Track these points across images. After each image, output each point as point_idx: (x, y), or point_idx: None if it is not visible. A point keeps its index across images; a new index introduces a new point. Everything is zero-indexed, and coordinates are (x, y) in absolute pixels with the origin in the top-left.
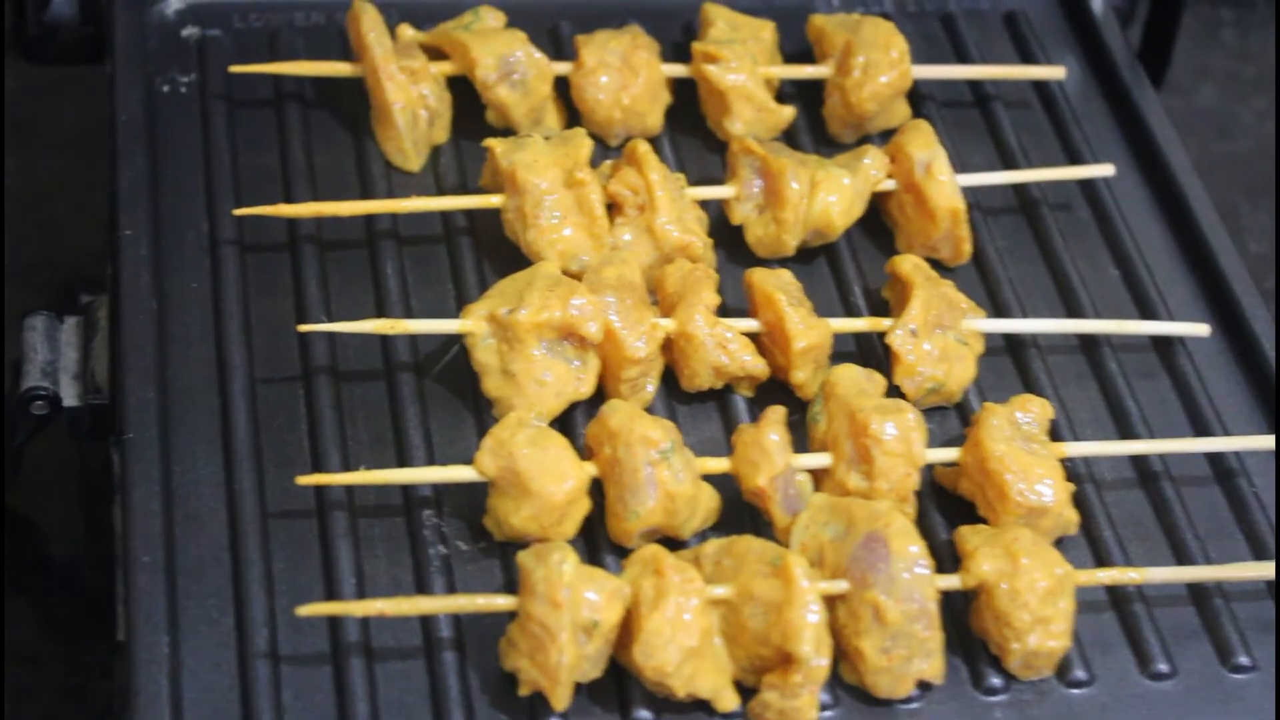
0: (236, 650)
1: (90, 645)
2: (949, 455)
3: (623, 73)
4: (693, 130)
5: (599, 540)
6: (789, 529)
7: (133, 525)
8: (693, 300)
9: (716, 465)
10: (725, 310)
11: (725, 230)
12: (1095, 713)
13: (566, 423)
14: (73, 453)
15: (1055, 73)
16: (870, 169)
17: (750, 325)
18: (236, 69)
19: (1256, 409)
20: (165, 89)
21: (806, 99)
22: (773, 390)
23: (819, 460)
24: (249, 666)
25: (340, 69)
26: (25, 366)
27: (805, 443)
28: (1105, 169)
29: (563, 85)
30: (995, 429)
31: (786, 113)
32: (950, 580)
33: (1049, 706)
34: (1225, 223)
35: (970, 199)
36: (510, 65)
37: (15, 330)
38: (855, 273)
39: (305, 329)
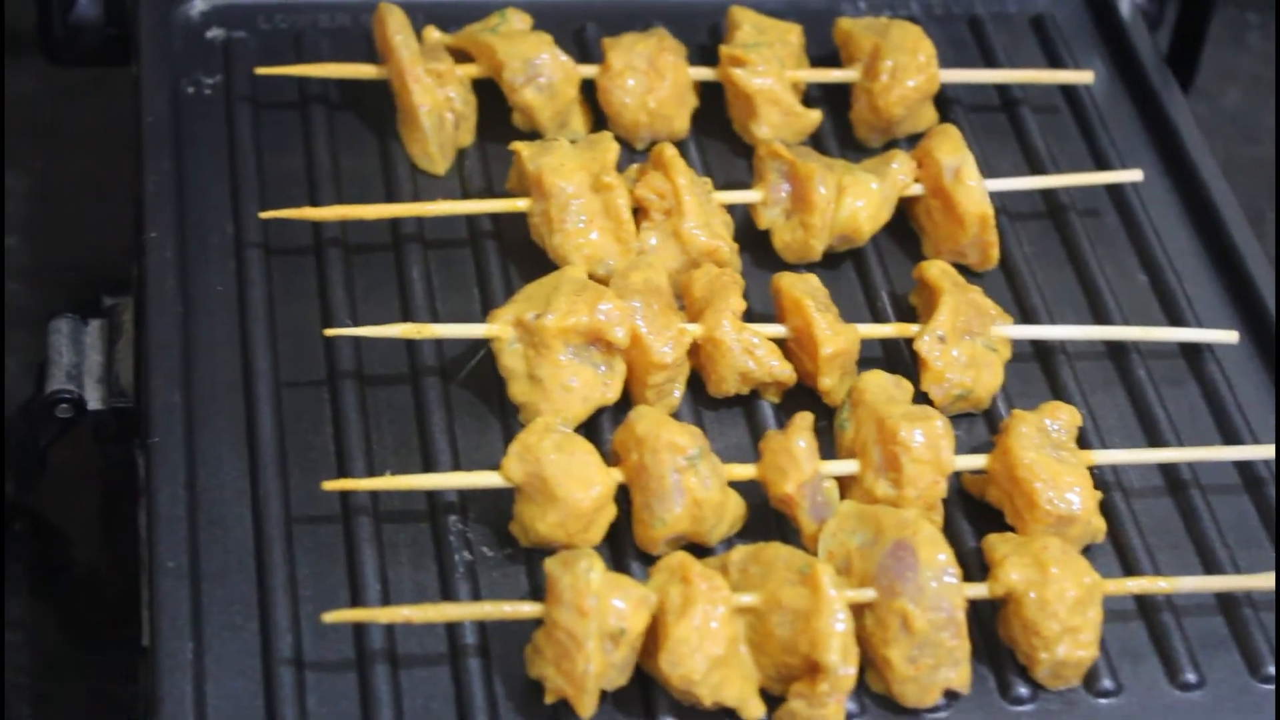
0: (261, 656)
1: (113, 649)
2: (977, 462)
3: (649, 76)
4: (719, 134)
5: (625, 547)
6: (816, 536)
7: (157, 530)
8: (720, 305)
9: (743, 472)
10: (752, 316)
11: (752, 235)
12: None
13: (593, 428)
14: (95, 456)
15: (1083, 77)
16: (898, 174)
17: (777, 331)
18: (262, 71)
19: None
20: (190, 91)
21: (833, 103)
22: (800, 396)
23: (847, 467)
24: (273, 672)
25: (366, 71)
26: (50, 369)
27: (833, 449)
28: (1133, 174)
29: (589, 88)
30: (1024, 436)
31: (813, 116)
32: (978, 589)
33: (1077, 716)
34: (1252, 227)
35: (998, 204)
36: (536, 68)
37: (40, 333)
38: (882, 278)
39: (331, 333)
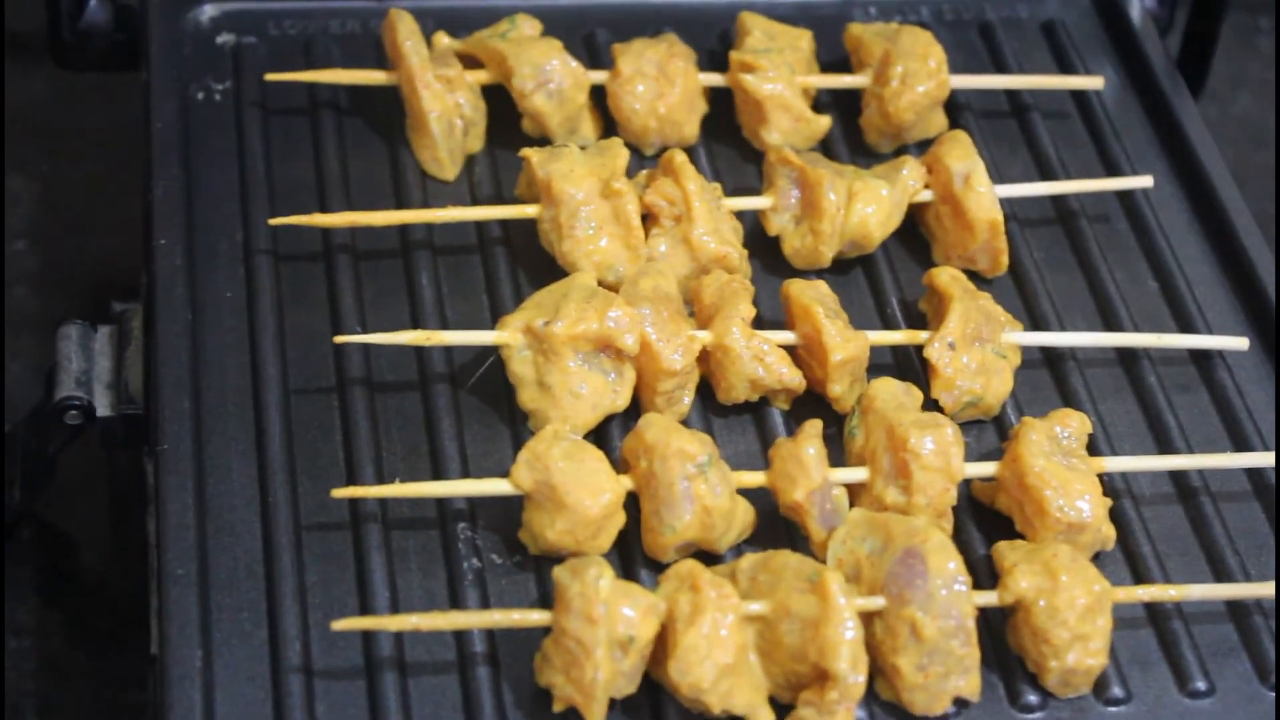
0: (270, 664)
1: (121, 656)
2: (987, 470)
3: (659, 82)
4: (729, 140)
5: (634, 554)
6: (825, 544)
7: (166, 537)
8: (729, 312)
9: (753, 479)
10: (761, 322)
11: (761, 241)
12: None
13: (602, 435)
14: (104, 462)
15: (1093, 82)
16: (908, 180)
17: (787, 338)
18: (272, 77)
19: None
20: (200, 97)
21: (843, 108)
22: (809, 403)
23: (856, 475)
24: (282, 680)
25: (376, 77)
26: (59, 376)
27: (842, 457)
28: (1144, 180)
29: (599, 94)
30: (1034, 444)
31: (823, 122)
32: (988, 597)
33: None
34: (1263, 233)
35: (1008, 210)
36: (546, 74)
37: (48, 338)
38: (892, 284)
39: (340, 340)
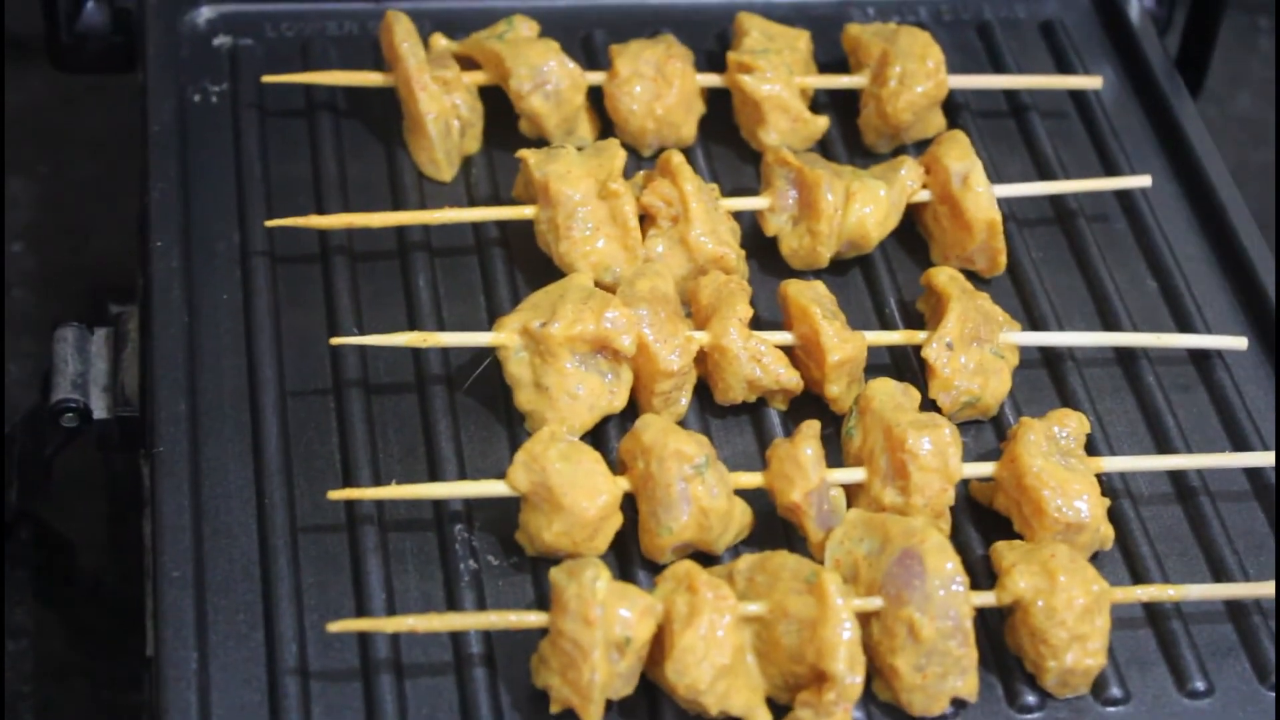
0: (266, 665)
1: (117, 658)
2: (985, 470)
3: (656, 83)
4: (726, 140)
5: (631, 555)
6: (823, 545)
7: (162, 539)
8: (726, 313)
9: (750, 480)
10: (759, 323)
11: (759, 242)
12: None
13: (599, 436)
14: (100, 465)
15: (1092, 82)
16: (906, 180)
17: (784, 338)
18: (269, 79)
19: None
20: (197, 99)
21: (841, 109)
22: (807, 404)
23: (854, 475)
24: (278, 682)
25: (373, 79)
26: (55, 378)
27: (840, 457)
28: (1142, 180)
29: (596, 95)
30: (1032, 444)
31: (821, 123)
32: (986, 597)
33: None
34: (1262, 233)
35: (1006, 210)
36: (543, 75)
37: (45, 340)
38: (890, 285)
39: (337, 342)
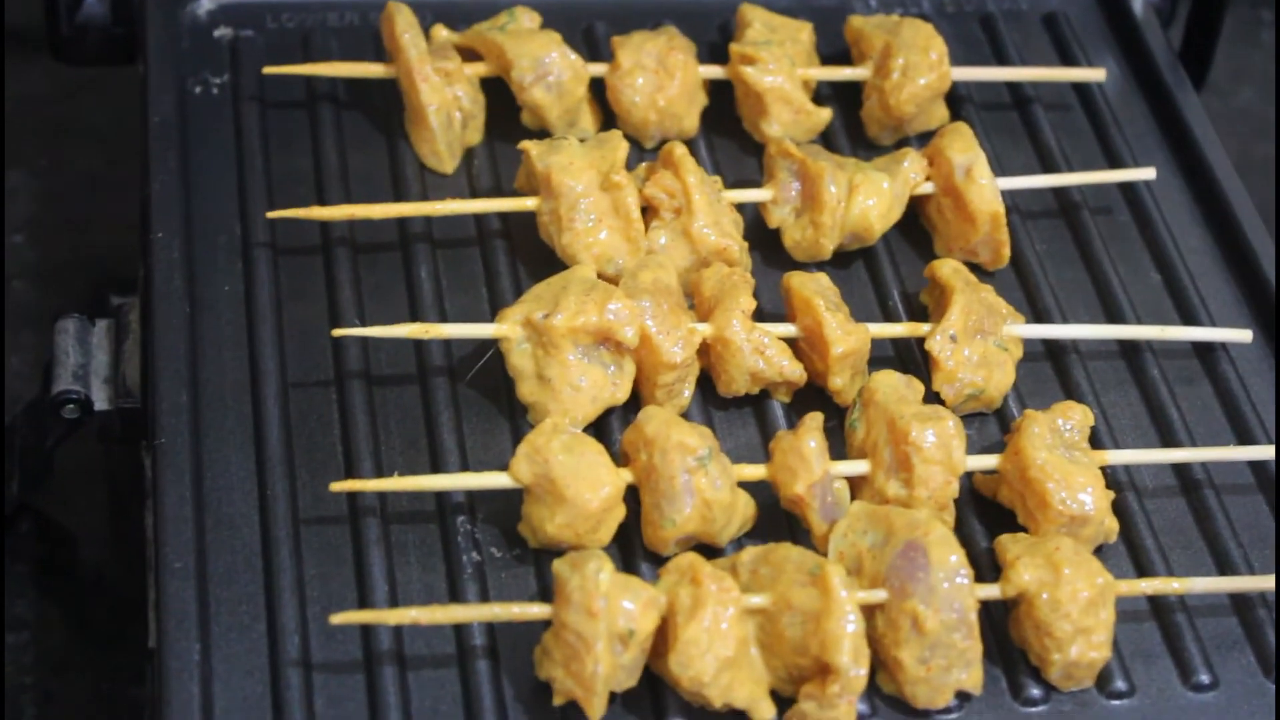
0: (268, 657)
1: (119, 650)
2: (989, 462)
3: (659, 74)
4: (729, 132)
5: (634, 547)
6: (827, 537)
7: (164, 531)
8: (729, 305)
9: (754, 472)
10: (762, 315)
11: (762, 234)
12: None
13: (602, 428)
14: (101, 457)
15: (1095, 74)
16: (909, 172)
17: (788, 330)
18: (269, 70)
19: None
20: (198, 90)
21: (844, 101)
22: (810, 396)
23: (857, 467)
24: (281, 674)
25: (374, 70)
26: (56, 370)
27: (843, 449)
28: (1146, 172)
29: (598, 87)
30: (1036, 436)
31: (824, 115)
32: (990, 590)
33: (1089, 717)
34: (1266, 225)
35: (1009, 202)
36: (545, 67)
37: (46, 332)
38: (893, 277)
39: (339, 333)
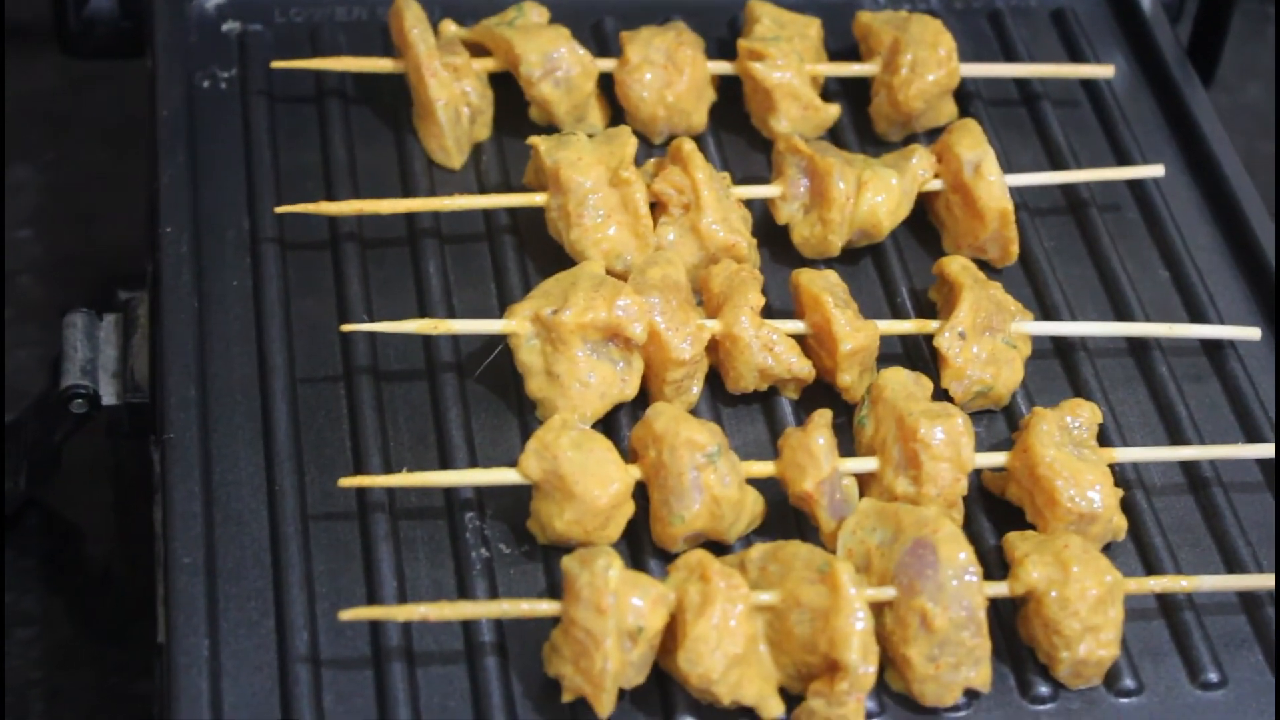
0: (277, 653)
1: (126, 645)
2: (997, 460)
3: (667, 70)
4: (737, 128)
5: (643, 543)
6: (835, 534)
7: (173, 526)
8: (738, 301)
9: (762, 469)
10: (770, 311)
11: (770, 230)
12: None
13: (610, 425)
14: (107, 451)
15: (1104, 71)
16: (917, 168)
17: (796, 327)
18: (278, 65)
19: None
20: (206, 85)
21: (852, 97)
22: (818, 393)
23: (866, 464)
24: (289, 669)
25: (382, 65)
26: (64, 364)
27: (852, 447)
28: (1155, 169)
29: (606, 82)
30: (1045, 434)
31: (832, 111)
32: (999, 587)
33: (1097, 716)
34: (1275, 222)
35: (1018, 199)
36: (554, 62)
37: (53, 326)
38: (902, 274)
39: (348, 329)
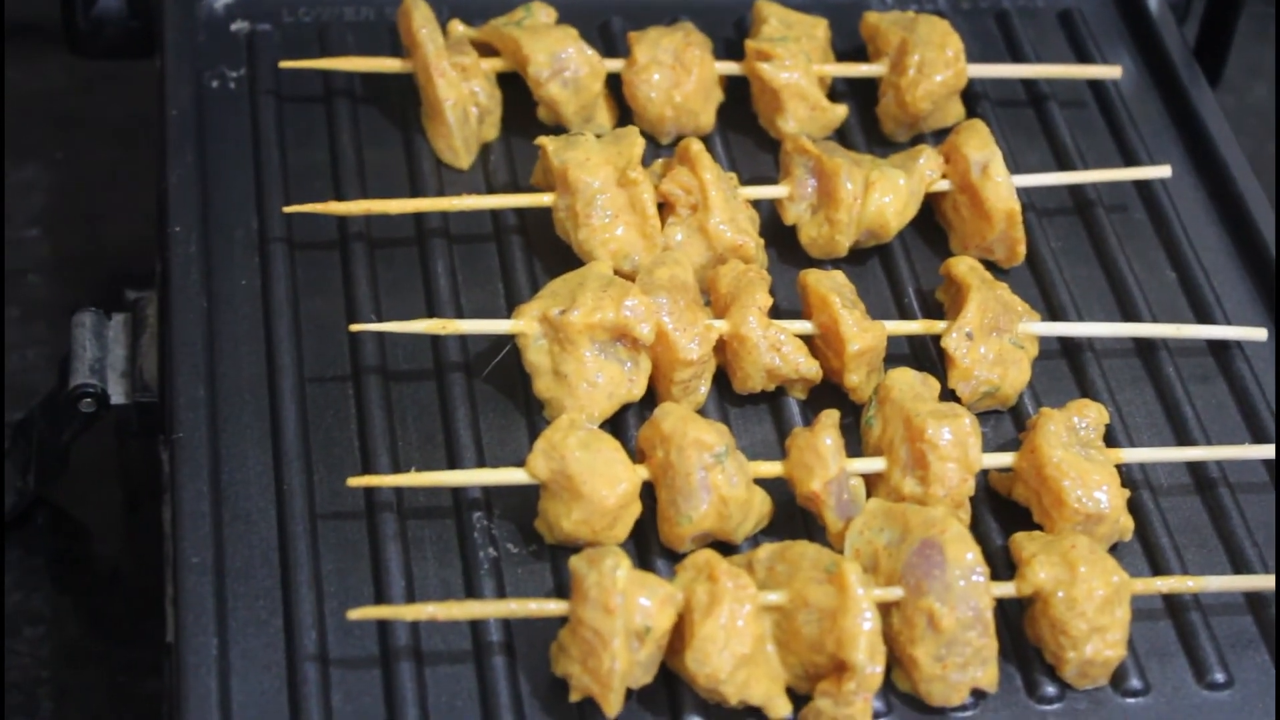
0: (285, 652)
1: (135, 644)
2: (1004, 460)
3: (675, 70)
4: (745, 128)
5: (650, 543)
6: (843, 534)
7: (182, 525)
8: (746, 301)
9: (770, 469)
10: (778, 312)
11: (778, 230)
12: None
13: (618, 425)
14: (115, 450)
15: (1111, 72)
16: (925, 169)
17: (804, 327)
18: (286, 64)
19: None
20: (214, 84)
21: (860, 97)
22: (826, 393)
23: (873, 465)
24: (298, 668)
25: (391, 65)
26: (73, 364)
27: (859, 447)
28: (1162, 170)
29: (614, 82)
30: (1052, 434)
31: (840, 111)
32: (1006, 588)
33: (1104, 716)
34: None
35: (1025, 200)
36: (562, 62)
37: (61, 326)
38: (909, 274)
39: (356, 328)
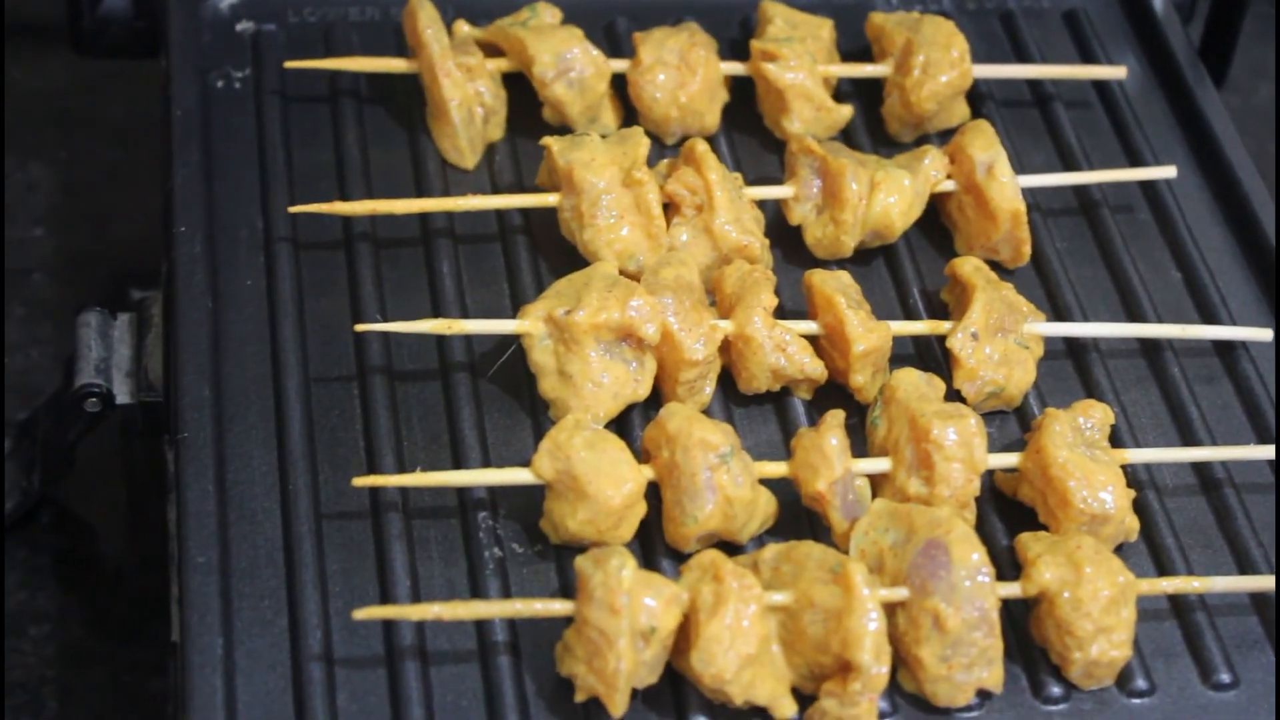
0: (290, 652)
1: (140, 644)
2: (1010, 461)
3: (680, 71)
4: (750, 129)
5: (655, 544)
6: (848, 535)
7: (187, 525)
8: (751, 302)
9: (775, 469)
10: (783, 312)
11: (783, 231)
12: None
13: (623, 425)
14: (120, 450)
15: (1116, 72)
16: (930, 169)
17: (809, 328)
18: (291, 65)
19: None
20: (220, 84)
21: (865, 98)
22: (831, 393)
23: (879, 465)
24: (303, 668)
25: (396, 65)
26: (78, 363)
27: (864, 447)
28: (1167, 171)
29: (619, 83)
30: (1058, 435)
31: (845, 112)
32: (1011, 588)
33: (1110, 716)
34: None
35: (1030, 200)
36: (567, 62)
37: (66, 325)
38: (914, 275)
39: (361, 328)
